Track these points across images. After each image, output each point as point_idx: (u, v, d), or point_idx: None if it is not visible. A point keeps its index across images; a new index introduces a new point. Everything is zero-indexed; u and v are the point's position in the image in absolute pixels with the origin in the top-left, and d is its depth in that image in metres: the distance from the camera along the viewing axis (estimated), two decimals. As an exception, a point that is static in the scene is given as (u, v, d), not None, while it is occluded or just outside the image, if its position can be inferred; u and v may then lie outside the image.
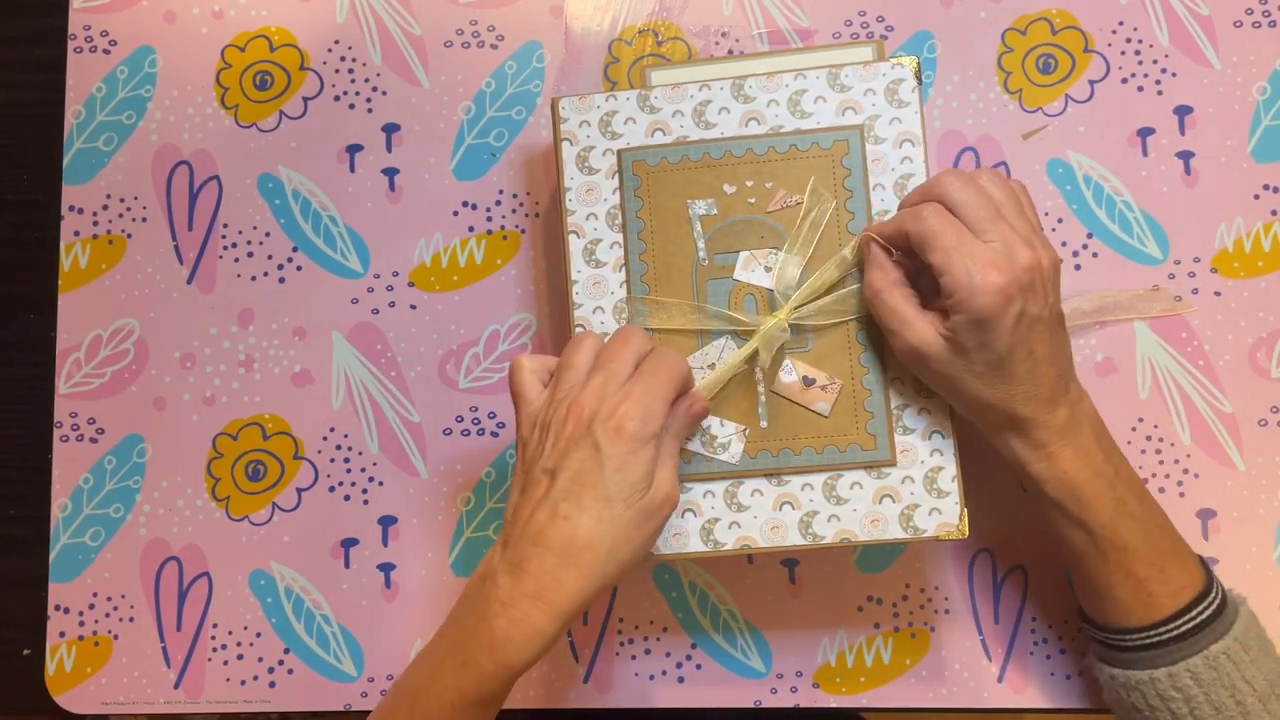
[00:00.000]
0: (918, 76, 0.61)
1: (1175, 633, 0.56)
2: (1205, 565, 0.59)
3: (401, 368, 0.72)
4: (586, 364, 0.56)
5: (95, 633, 0.71)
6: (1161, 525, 0.58)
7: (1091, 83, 0.70)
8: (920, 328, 0.55)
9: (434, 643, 0.55)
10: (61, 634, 0.72)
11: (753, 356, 0.60)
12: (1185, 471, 0.67)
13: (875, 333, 0.59)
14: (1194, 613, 0.56)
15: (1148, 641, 0.57)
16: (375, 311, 0.72)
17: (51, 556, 0.72)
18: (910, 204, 0.57)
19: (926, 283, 0.57)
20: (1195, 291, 0.68)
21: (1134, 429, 0.68)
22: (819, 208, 0.60)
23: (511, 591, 0.51)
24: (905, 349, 0.56)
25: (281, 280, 0.73)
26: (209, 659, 0.71)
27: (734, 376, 0.60)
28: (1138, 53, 0.70)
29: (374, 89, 0.73)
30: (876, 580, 0.68)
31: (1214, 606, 0.57)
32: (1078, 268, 0.69)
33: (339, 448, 0.71)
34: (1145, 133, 0.70)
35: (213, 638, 0.71)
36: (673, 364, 0.55)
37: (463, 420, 0.71)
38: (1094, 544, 0.57)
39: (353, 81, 0.74)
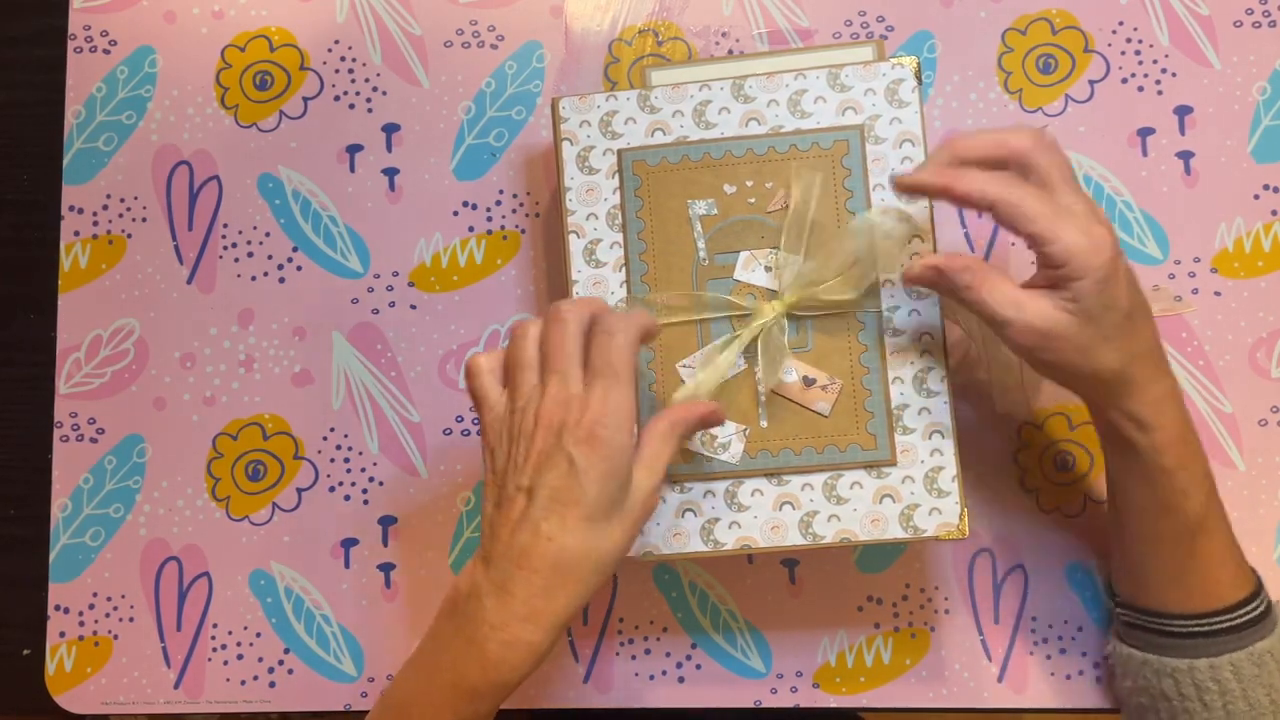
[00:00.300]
0: (918, 76, 0.61)
1: (1230, 624, 0.56)
2: (1251, 566, 0.59)
3: (401, 368, 0.72)
4: (536, 359, 0.53)
5: (95, 633, 0.71)
6: (1227, 517, 0.58)
7: (1091, 83, 0.70)
8: (1039, 306, 0.52)
9: (419, 661, 0.53)
10: (61, 634, 0.72)
11: (752, 343, 0.59)
12: (1185, 471, 0.67)
13: (876, 332, 0.59)
14: (1250, 606, 0.57)
15: (1200, 629, 0.57)
16: (375, 311, 0.72)
17: (51, 556, 0.72)
18: (970, 158, 0.54)
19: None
20: (1195, 291, 0.68)
21: (1134, 429, 0.68)
22: (801, 190, 0.60)
23: (501, 614, 0.50)
24: (1027, 332, 0.53)
25: (281, 280, 0.73)
26: (209, 659, 0.71)
27: (734, 376, 0.60)
28: (1138, 53, 0.70)
29: (374, 89, 0.73)
30: (876, 580, 0.68)
31: (1265, 603, 0.57)
32: (1078, 268, 0.69)
33: (339, 448, 0.71)
34: (1145, 133, 0.70)
35: (213, 638, 0.71)
36: (627, 352, 0.52)
37: (463, 420, 0.71)
38: (1184, 523, 0.56)
39: (353, 81, 0.74)
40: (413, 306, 0.72)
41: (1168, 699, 0.58)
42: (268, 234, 0.73)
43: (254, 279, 0.73)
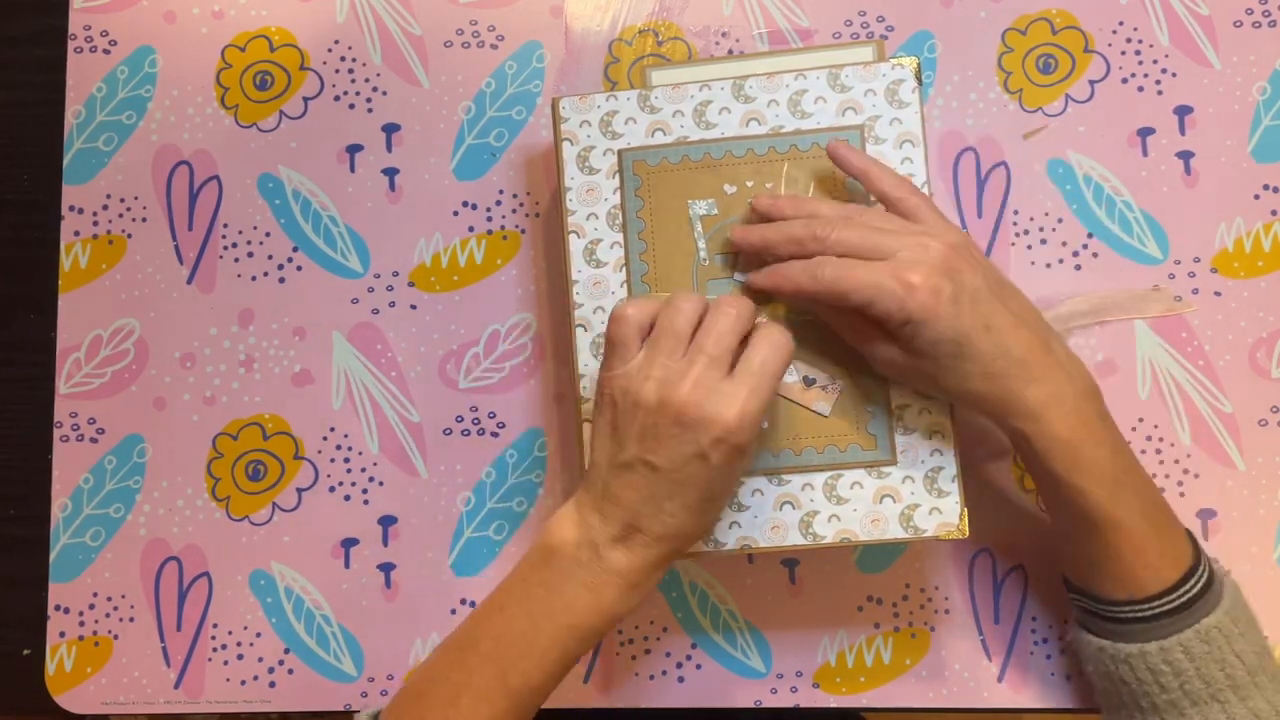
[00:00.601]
0: (918, 77, 0.61)
1: (1168, 607, 0.56)
2: (1194, 539, 0.59)
3: (401, 368, 0.72)
4: (688, 334, 0.54)
5: (95, 633, 0.71)
6: (1155, 499, 0.58)
7: (1092, 83, 0.70)
8: (881, 346, 0.56)
9: (513, 607, 0.56)
10: (61, 634, 0.72)
11: None
12: (1185, 471, 0.67)
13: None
14: (1186, 587, 0.56)
15: (1140, 615, 0.57)
16: (375, 311, 0.72)
17: (51, 556, 0.72)
18: (789, 250, 0.57)
19: None
20: (1195, 291, 0.68)
21: (1134, 429, 0.68)
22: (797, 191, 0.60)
23: (624, 564, 0.54)
24: (880, 366, 0.57)
25: (281, 280, 0.73)
26: (209, 659, 0.71)
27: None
28: (1138, 53, 0.70)
29: (374, 89, 0.73)
30: (876, 580, 0.68)
31: (1204, 580, 0.57)
32: (1078, 268, 0.69)
33: (339, 448, 0.71)
34: (1145, 133, 0.70)
35: (213, 638, 0.71)
36: (781, 358, 0.54)
37: (463, 420, 0.71)
38: (1092, 516, 0.56)
39: (353, 81, 0.74)
40: (413, 306, 0.72)
41: (1126, 684, 0.58)
42: (268, 234, 0.73)
43: (254, 279, 0.73)
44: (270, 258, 0.73)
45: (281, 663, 0.70)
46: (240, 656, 0.71)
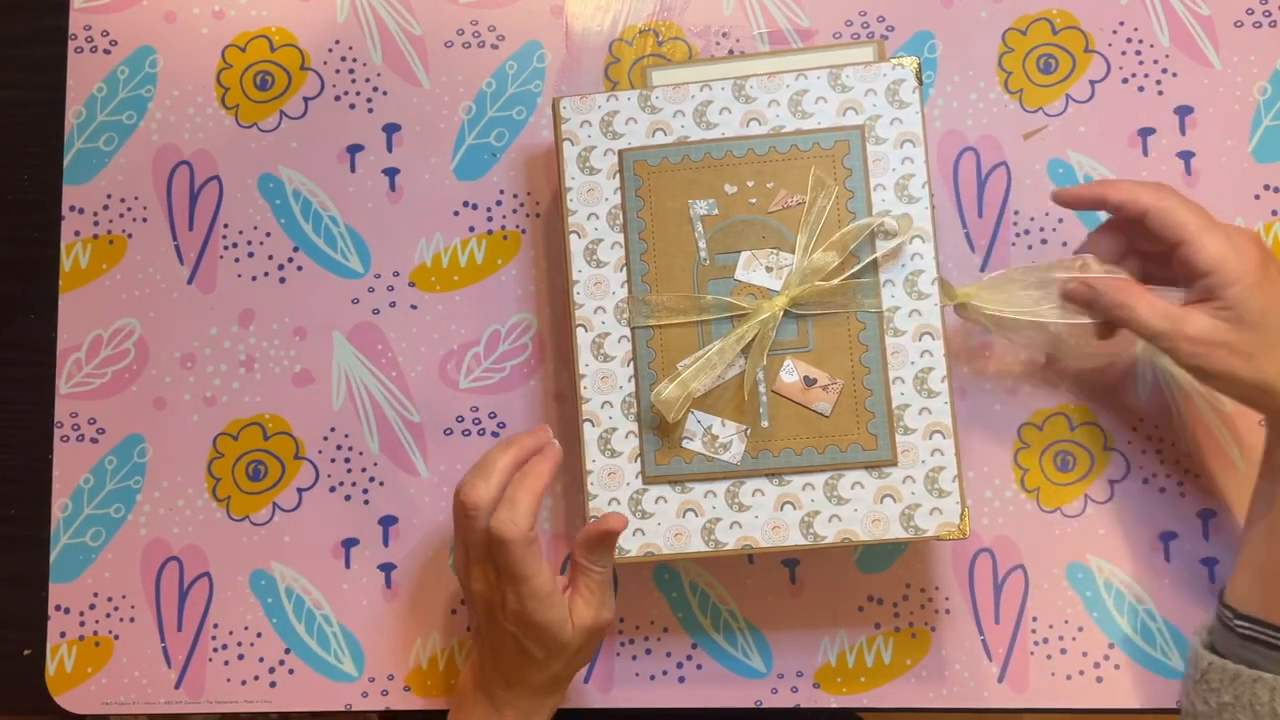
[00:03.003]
0: (918, 77, 0.61)
1: None
2: None
3: (402, 368, 0.72)
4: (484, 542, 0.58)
5: (96, 633, 0.71)
6: None
7: (1092, 83, 0.70)
8: (1194, 316, 0.54)
9: None
10: (62, 634, 0.71)
11: (748, 346, 0.59)
12: (1185, 472, 0.67)
13: (876, 332, 0.60)
14: None
15: None
16: (375, 311, 0.72)
17: (52, 556, 0.72)
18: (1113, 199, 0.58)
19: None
20: (1195, 291, 0.68)
21: (1134, 429, 0.68)
22: (823, 195, 0.60)
23: (522, 703, 0.61)
24: (1185, 341, 0.55)
25: (282, 280, 0.73)
26: (209, 659, 0.71)
27: (734, 376, 0.60)
28: (1138, 53, 0.70)
29: (374, 89, 0.73)
30: (877, 580, 0.68)
31: None
32: (1078, 268, 0.69)
33: (339, 448, 0.71)
34: (1145, 133, 0.70)
35: (213, 638, 0.71)
36: (523, 549, 0.56)
37: (463, 420, 0.71)
38: None
39: (353, 81, 0.74)
40: (413, 306, 0.72)
41: (1257, 714, 0.54)
42: (268, 234, 0.73)
43: (254, 279, 0.73)
44: (270, 258, 0.73)
45: (282, 663, 0.70)
46: (241, 656, 0.71)
